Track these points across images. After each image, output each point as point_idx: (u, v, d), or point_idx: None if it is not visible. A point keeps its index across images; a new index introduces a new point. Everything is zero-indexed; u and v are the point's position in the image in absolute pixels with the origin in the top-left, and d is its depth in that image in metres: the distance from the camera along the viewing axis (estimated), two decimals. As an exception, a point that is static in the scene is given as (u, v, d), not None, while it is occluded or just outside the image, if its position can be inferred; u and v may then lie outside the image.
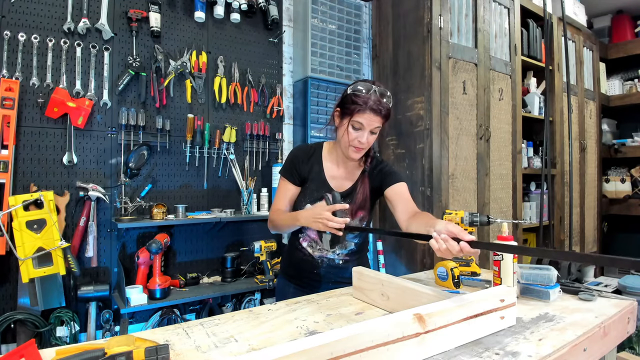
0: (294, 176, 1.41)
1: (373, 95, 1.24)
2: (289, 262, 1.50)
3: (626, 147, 3.78)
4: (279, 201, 1.42)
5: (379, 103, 1.24)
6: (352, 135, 1.27)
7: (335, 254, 1.42)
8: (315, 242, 1.43)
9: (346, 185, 1.41)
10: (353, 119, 1.25)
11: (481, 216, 1.45)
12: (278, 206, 1.41)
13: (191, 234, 2.23)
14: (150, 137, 2.08)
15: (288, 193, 1.42)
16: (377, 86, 1.26)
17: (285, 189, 1.42)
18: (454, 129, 2.42)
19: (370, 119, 1.24)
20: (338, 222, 1.15)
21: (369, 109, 1.23)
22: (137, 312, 2.02)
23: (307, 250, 1.43)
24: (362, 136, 1.26)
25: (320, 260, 1.42)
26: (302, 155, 1.43)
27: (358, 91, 1.25)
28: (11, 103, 1.70)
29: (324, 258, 1.42)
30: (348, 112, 1.26)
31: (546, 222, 2.79)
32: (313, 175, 1.41)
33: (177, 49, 2.19)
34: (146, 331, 1.00)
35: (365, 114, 1.23)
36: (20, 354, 0.70)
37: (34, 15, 1.83)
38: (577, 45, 3.46)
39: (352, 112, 1.24)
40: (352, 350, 0.66)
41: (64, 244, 1.71)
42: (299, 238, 1.45)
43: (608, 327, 0.97)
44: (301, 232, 1.44)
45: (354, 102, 1.24)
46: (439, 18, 2.36)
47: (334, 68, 2.57)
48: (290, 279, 1.47)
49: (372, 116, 1.24)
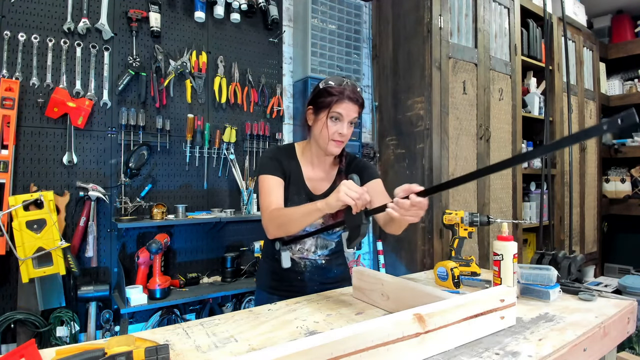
0: (279, 172, 1.30)
1: (347, 86, 1.25)
2: (269, 275, 1.42)
3: (626, 147, 3.78)
4: (273, 198, 1.25)
5: (355, 92, 1.25)
6: (331, 128, 1.25)
7: (316, 255, 1.37)
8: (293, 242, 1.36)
9: (324, 187, 1.36)
10: (332, 110, 1.24)
11: (481, 216, 1.45)
12: (274, 204, 1.24)
13: (191, 234, 2.23)
14: (150, 137, 2.08)
15: (279, 189, 1.28)
16: (347, 79, 1.28)
17: (277, 184, 1.28)
18: (454, 129, 2.43)
19: (349, 108, 1.24)
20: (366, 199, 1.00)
21: (346, 98, 1.23)
22: (137, 312, 2.02)
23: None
24: (342, 127, 1.25)
25: (303, 263, 1.37)
26: (282, 155, 1.35)
27: (330, 85, 1.26)
28: (11, 103, 1.70)
29: (306, 261, 1.37)
30: (324, 105, 1.25)
31: (546, 222, 2.79)
32: (293, 177, 1.34)
33: (177, 49, 2.19)
34: (146, 331, 1.00)
35: (343, 103, 1.23)
36: (20, 354, 0.70)
37: (34, 15, 1.83)
38: (577, 45, 3.46)
39: (329, 104, 1.24)
40: (352, 350, 0.66)
41: (64, 244, 1.71)
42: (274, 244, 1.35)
43: (608, 327, 0.97)
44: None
45: (330, 93, 1.24)
46: (439, 18, 2.36)
47: (334, 68, 2.57)
48: (273, 291, 1.39)
49: (350, 105, 1.24)
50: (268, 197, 1.26)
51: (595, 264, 3.74)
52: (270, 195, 1.26)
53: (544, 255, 1.38)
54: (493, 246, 1.17)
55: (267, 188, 1.27)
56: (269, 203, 1.25)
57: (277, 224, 1.19)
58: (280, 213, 1.20)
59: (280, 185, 1.29)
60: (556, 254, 1.35)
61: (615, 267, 3.83)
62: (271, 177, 1.28)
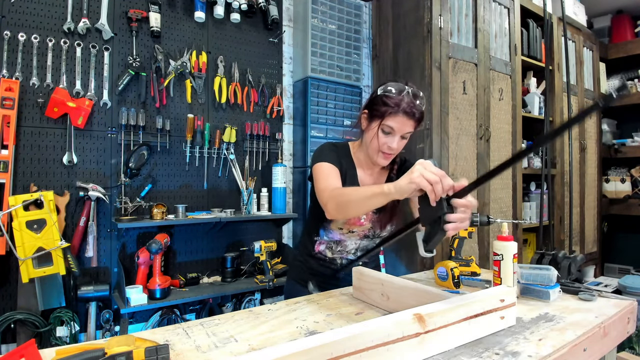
0: (337, 164, 1.23)
1: (406, 96, 1.14)
2: (304, 270, 1.38)
3: (626, 147, 3.78)
4: (332, 180, 1.17)
5: (412, 105, 1.14)
6: (381, 140, 1.18)
7: (356, 255, 1.34)
8: (335, 242, 1.33)
9: None
10: (384, 122, 1.15)
11: (481, 216, 1.44)
12: (334, 184, 1.16)
13: (191, 234, 2.23)
14: (150, 137, 2.08)
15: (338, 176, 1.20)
16: (409, 87, 1.17)
17: (336, 171, 1.20)
18: (454, 129, 2.42)
19: (403, 122, 1.15)
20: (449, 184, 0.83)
21: (401, 111, 1.13)
22: (137, 312, 2.02)
23: (325, 253, 1.34)
24: (392, 141, 1.18)
25: (340, 262, 1.34)
26: (340, 151, 1.30)
27: (389, 92, 1.15)
28: (11, 103, 1.70)
29: (343, 259, 1.34)
30: (378, 115, 1.16)
31: (546, 222, 2.79)
32: (348, 175, 1.28)
33: (177, 49, 2.19)
34: (146, 331, 1.00)
35: (397, 117, 1.14)
36: (20, 354, 0.70)
37: (34, 15, 1.83)
38: (577, 45, 3.46)
39: (382, 115, 1.15)
40: (352, 350, 0.66)
41: (64, 244, 1.71)
42: (313, 243, 1.34)
43: (608, 327, 0.97)
44: (317, 234, 1.34)
45: (385, 103, 1.15)
46: (439, 18, 2.36)
47: (334, 68, 2.57)
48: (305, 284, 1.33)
49: (405, 120, 1.14)
50: (328, 179, 1.17)
51: (595, 264, 3.73)
52: (330, 178, 1.17)
53: (544, 255, 1.38)
54: (493, 246, 1.17)
55: (326, 172, 1.19)
56: (329, 184, 1.15)
57: (337, 202, 1.07)
58: (341, 192, 1.10)
59: (339, 174, 1.21)
60: (556, 254, 1.35)
61: (615, 267, 3.83)
62: (331, 165, 1.21)
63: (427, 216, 0.83)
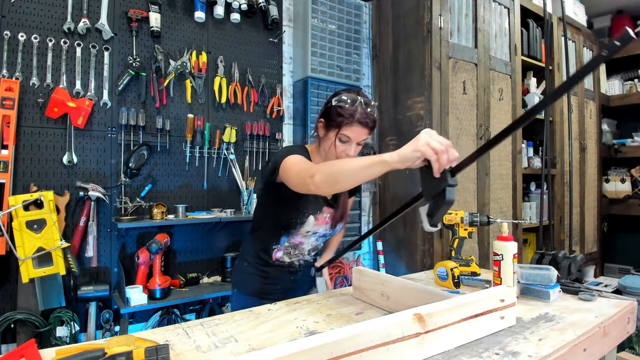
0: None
1: (359, 107, 1.18)
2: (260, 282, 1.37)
3: (626, 147, 3.78)
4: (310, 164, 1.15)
5: (366, 116, 1.19)
6: (339, 148, 1.23)
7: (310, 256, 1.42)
8: (292, 247, 1.35)
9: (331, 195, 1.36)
10: (341, 132, 1.20)
11: (481, 216, 1.45)
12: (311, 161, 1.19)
13: (191, 234, 2.23)
14: (150, 137, 2.08)
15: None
16: (361, 96, 1.21)
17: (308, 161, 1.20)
18: (454, 129, 2.43)
19: (358, 132, 1.20)
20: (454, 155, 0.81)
21: (356, 122, 1.18)
22: (137, 312, 2.02)
23: (283, 259, 1.36)
24: (350, 149, 1.22)
25: (298, 264, 1.38)
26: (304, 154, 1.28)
27: (343, 102, 1.19)
28: (11, 103, 1.70)
29: (300, 261, 1.39)
30: (334, 125, 1.21)
31: (546, 222, 2.79)
32: None
33: (177, 49, 2.19)
34: (146, 331, 1.00)
35: (353, 127, 1.19)
36: (20, 354, 0.70)
37: (34, 15, 1.83)
38: (577, 45, 3.46)
39: (339, 125, 1.19)
40: (352, 350, 0.66)
41: (64, 244, 1.71)
42: (270, 252, 1.34)
43: (608, 327, 0.97)
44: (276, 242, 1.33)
45: (340, 114, 1.19)
46: (439, 18, 2.36)
47: (334, 68, 2.57)
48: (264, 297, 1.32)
49: (360, 129, 1.19)
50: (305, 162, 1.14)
51: (595, 264, 3.74)
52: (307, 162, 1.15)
53: (544, 255, 1.38)
54: (493, 246, 1.17)
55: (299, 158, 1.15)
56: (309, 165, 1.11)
57: (326, 173, 0.98)
58: (331, 163, 1.04)
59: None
60: (556, 254, 1.35)
61: (615, 267, 3.83)
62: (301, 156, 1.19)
63: (430, 189, 0.79)
